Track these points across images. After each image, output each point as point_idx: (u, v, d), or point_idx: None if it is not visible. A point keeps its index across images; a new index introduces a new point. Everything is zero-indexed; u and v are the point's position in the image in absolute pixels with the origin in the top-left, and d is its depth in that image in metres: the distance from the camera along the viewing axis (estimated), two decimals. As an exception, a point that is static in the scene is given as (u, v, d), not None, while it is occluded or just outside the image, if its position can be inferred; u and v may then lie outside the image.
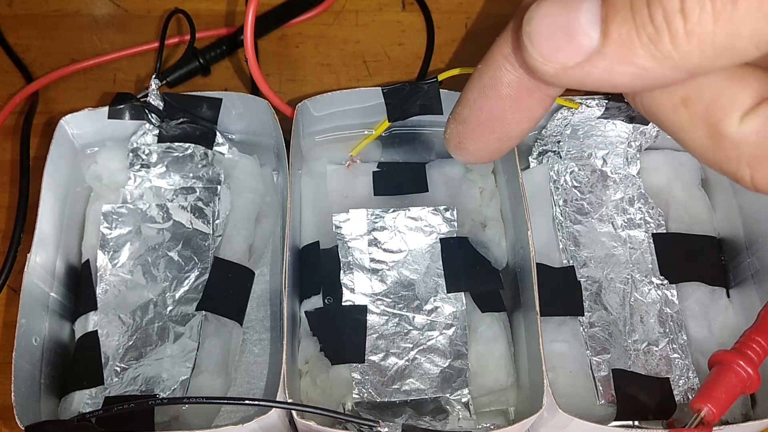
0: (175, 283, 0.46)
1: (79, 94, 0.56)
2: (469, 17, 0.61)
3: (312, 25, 0.60)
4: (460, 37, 0.60)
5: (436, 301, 0.46)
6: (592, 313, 0.46)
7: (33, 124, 0.54)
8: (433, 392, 0.43)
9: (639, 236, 0.49)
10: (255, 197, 0.49)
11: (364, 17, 0.61)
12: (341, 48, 0.59)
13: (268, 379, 0.45)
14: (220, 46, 0.57)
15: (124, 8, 0.61)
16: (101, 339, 0.44)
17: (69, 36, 0.59)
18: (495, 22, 0.60)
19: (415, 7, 0.61)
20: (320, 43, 0.59)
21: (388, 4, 0.62)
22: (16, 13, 0.60)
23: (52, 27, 0.59)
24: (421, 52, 0.59)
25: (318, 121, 0.47)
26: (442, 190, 0.50)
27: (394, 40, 0.60)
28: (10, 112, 0.54)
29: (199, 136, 0.48)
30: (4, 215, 0.51)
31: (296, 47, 0.59)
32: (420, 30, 0.60)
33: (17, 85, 0.56)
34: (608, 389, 0.44)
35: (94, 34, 0.59)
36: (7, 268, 0.48)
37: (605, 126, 0.49)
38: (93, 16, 0.60)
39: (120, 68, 0.57)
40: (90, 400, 0.43)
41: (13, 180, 0.52)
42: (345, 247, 0.47)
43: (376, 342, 0.45)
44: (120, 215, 0.48)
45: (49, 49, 0.58)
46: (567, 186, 0.50)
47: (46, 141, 0.53)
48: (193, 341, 0.44)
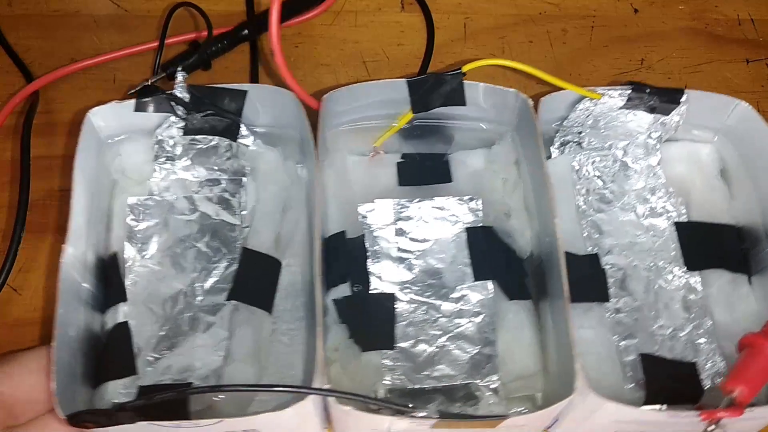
0: (204, 273, 0.46)
1: (78, 94, 0.56)
2: (469, 17, 0.61)
3: (311, 25, 0.60)
4: (460, 37, 0.60)
5: (463, 289, 0.46)
6: (617, 299, 0.47)
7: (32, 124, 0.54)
8: (463, 378, 0.44)
9: (661, 225, 0.49)
10: (280, 189, 0.49)
11: (363, 18, 0.61)
12: (340, 48, 0.59)
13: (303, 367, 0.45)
14: (222, 41, 0.57)
15: (124, 8, 0.61)
16: (132, 329, 0.44)
17: (69, 36, 0.59)
18: (495, 22, 0.61)
19: (414, 7, 0.61)
20: (319, 43, 0.59)
21: (387, 5, 0.62)
22: (16, 13, 0.60)
23: (52, 27, 0.59)
24: (420, 53, 0.59)
25: (343, 113, 0.48)
26: (466, 180, 0.50)
27: (393, 41, 0.60)
28: (11, 111, 0.54)
29: (224, 128, 0.48)
30: (5, 215, 0.51)
31: (295, 47, 0.59)
32: (419, 30, 0.60)
33: (17, 84, 0.56)
34: (636, 374, 0.44)
35: (94, 34, 0.59)
36: (7, 268, 0.48)
37: (626, 116, 0.50)
38: (93, 16, 0.60)
39: (120, 68, 0.57)
40: (124, 389, 0.43)
41: (13, 179, 0.52)
42: (371, 237, 0.48)
43: (406, 329, 0.45)
44: (147, 207, 0.48)
45: (49, 49, 0.58)
46: (589, 176, 0.51)
47: (46, 140, 0.53)
48: (224, 330, 0.44)
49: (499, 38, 0.60)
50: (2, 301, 0.48)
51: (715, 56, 0.60)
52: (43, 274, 0.49)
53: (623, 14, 0.63)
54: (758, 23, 0.63)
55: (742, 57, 0.61)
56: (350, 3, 0.62)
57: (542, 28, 0.61)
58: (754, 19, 0.63)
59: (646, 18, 0.63)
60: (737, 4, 0.64)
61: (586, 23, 0.62)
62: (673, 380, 0.44)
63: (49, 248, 0.50)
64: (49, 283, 0.49)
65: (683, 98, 0.49)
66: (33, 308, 0.48)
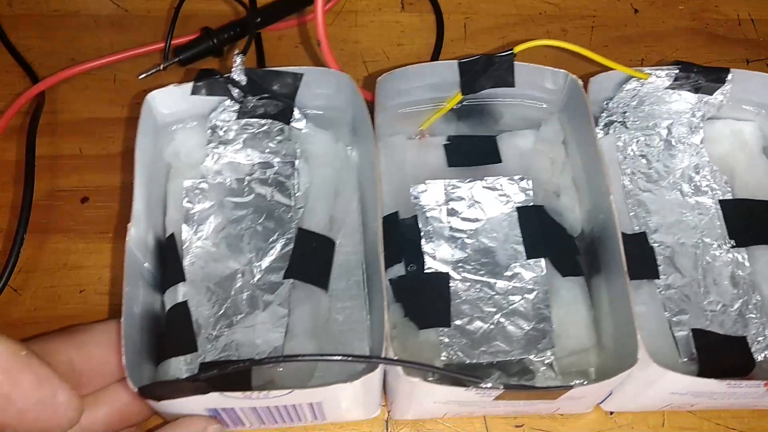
0: (260, 253, 0.47)
1: (78, 94, 0.57)
2: (469, 17, 0.62)
3: (311, 25, 0.61)
4: (460, 37, 0.61)
5: (516, 267, 0.47)
6: (666, 276, 0.47)
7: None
8: (519, 353, 0.45)
9: (706, 203, 0.50)
10: (332, 171, 0.50)
11: (363, 18, 0.62)
12: (340, 48, 0.60)
13: (357, 345, 0.46)
14: (234, 28, 0.58)
15: (124, 8, 0.61)
16: (191, 309, 0.45)
17: (69, 36, 0.59)
18: (495, 23, 0.61)
19: (414, 7, 0.62)
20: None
21: (387, 5, 0.62)
22: (16, 13, 0.60)
23: (52, 27, 0.60)
24: (420, 53, 0.60)
25: (394, 96, 0.49)
26: (514, 161, 0.51)
27: (393, 41, 0.61)
28: (17, 111, 0.55)
29: (278, 111, 0.49)
30: (8, 215, 0.51)
31: (295, 47, 0.60)
32: (419, 30, 0.61)
33: (17, 84, 0.57)
34: (688, 348, 0.45)
35: (94, 34, 0.60)
36: (9, 268, 0.48)
37: (670, 96, 0.51)
38: (93, 16, 0.61)
39: (120, 68, 0.58)
40: (185, 366, 0.44)
41: (15, 180, 0.52)
42: (424, 217, 0.48)
43: (461, 307, 0.46)
44: (202, 190, 0.49)
45: (49, 49, 0.59)
46: (634, 155, 0.52)
47: (46, 141, 0.54)
48: (283, 308, 0.45)
49: (499, 38, 0.60)
50: (2, 301, 0.48)
51: (715, 56, 0.61)
52: (43, 274, 0.50)
53: (623, 14, 0.63)
54: (758, 23, 0.63)
55: (743, 57, 0.61)
56: (350, 3, 0.62)
57: (542, 28, 0.61)
58: (754, 19, 0.63)
59: (646, 18, 0.63)
60: (737, 4, 0.64)
61: (586, 23, 0.62)
62: (725, 354, 0.45)
63: (50, 249, 0.50)
64: (49, 284, 0.49)
65: (729, 77, 0.49)
66: (33, 308, 0.48)
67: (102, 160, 0.54)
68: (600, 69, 0.48)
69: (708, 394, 0.41)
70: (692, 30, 0.63)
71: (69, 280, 0.50)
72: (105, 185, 0.53)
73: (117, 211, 0.52)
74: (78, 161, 0.54)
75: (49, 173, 0.53)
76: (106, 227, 0.52)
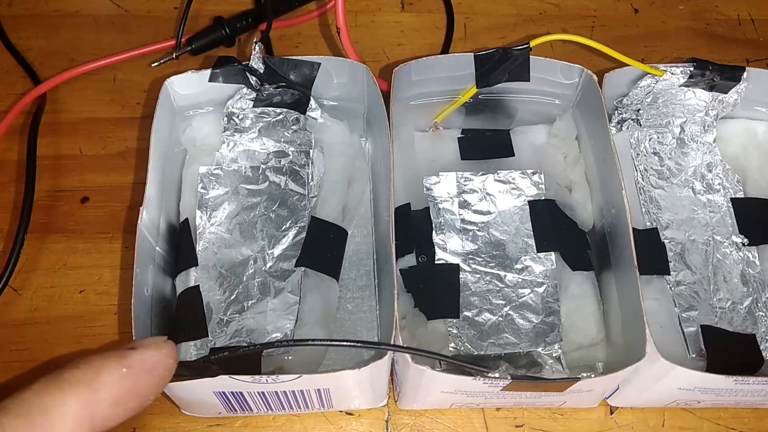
0: (273, 240, 0.48)
1: (78, 95, 0.57)
2: (469, 17, 0.62)
3: (311, 25, 0.61)
4: (460, 37, 0.61)
5: (526, 260, 0.47)
6: (677, 272, 0.47)
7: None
8: (527, 346, 0.45)
9: (718, 201, 0.50)
10: (346, 161, 0.50)
11: (363, 17, 0.62)
12: (340, 48, 0.60)
13: (366, 334, 0.46)
14: (246, 18, 0.58)
15: (124, 8, 0.62)
16: (203, 293, 0.46)
17: (69, 36, 0.60)
18: (495, 22, 0.61)
19: (414, 7, 0.62)
20: (319, 43, 0.60)
21: (387, 5, 0.63)
22: (16, 13, 0.61)
23: (52, 27, 0.60)
24: (420, 53, 0.60)
25: (409, 87, 0.49)
26: (527, 155, 0.51)
27: (393, 41, 0.61)
28: (20, 112, 0.55)
29: (294, 101, 0.49)
30: (8, 215, 0.52)
31: (296, 47, 0.60)
32: (419, 30, 0.61)
33: (18, 84, 0.57)
34: (697, 344, 0.45)
35: (95, 34, 0.60)
36: (10, 268, 0.49)
37: (684, 94, 0.51)
38: (93, 16, 0.61)
39: (120, 68, 0.58)
40: (195, 350, 0.44)
41: (17, 180, 0.53)
42: (436, 209, 0.49)
43: (470, 299, 0.46)
44: (216, 177, 0.49)
45: (49, 49, 0.59)
46: (647, 152, 0.52)
47: (47, 141, 0.54)
48: (294, 295, 0.46)
49: (499, 38, 0.60)
50: (2, 301, 0.49)
51: (715, 56, 0.60)
52: (43, 274, 0.50)
53: (623, 14, 0.63)
54: (758, 23, 0.63)
55: (743, 57, 0.61)
56: (350, 3, 0.62)
57: (542, 28, 0.61)
58: (754, 19, 0.63)
59: (646, 18, 0.63)
60: (737, 4, 0.64)
61: (586, 23, 0.62)
62: (734, 351, 0.45)
63: (50, 249, 0.51)
64: (49, 284, 0.50)
65: (744, 75, 0.49)
66: (33, 308, 0.49)
67: (102, 160, 0.55)
68: (611, 66, 0.49)
69: (715, 390, 0.41)
70: (692, 30, 0.63)
71: (69, 280, 0.50)
72: (105, 185, 0.53)
73: (117, 210, 0.52)
74: (78, 161, 0.55)
75: (50, 173, 0.53)
76: (106, 227, 0.52)
